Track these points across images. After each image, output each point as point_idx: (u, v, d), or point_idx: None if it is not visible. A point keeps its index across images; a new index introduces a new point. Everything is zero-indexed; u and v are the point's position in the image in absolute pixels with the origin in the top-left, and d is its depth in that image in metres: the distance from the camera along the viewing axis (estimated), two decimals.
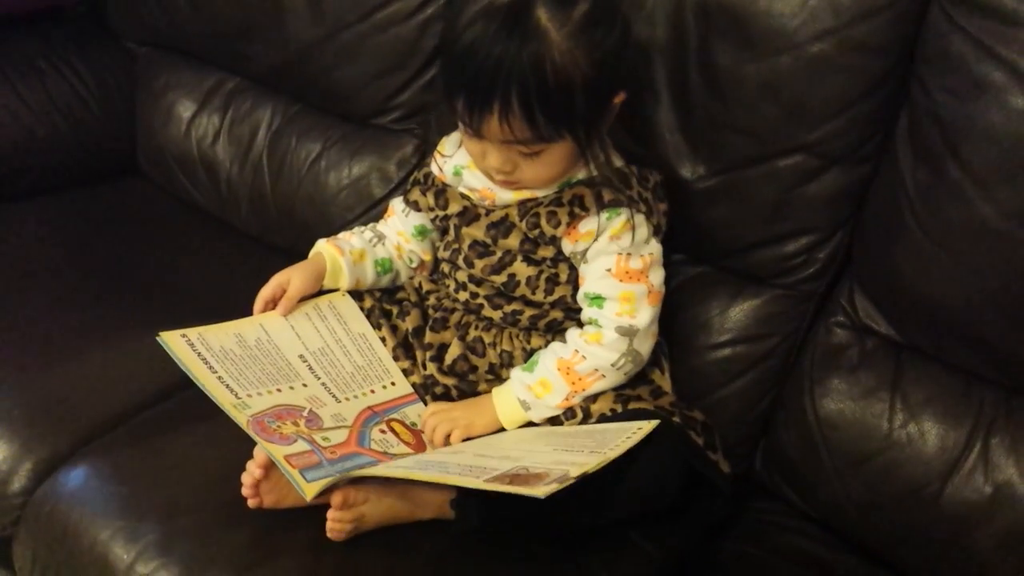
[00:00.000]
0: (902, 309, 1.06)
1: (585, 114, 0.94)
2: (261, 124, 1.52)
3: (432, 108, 1.38)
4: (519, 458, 0.89)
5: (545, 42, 0.89)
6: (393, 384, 1.09)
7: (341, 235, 1.19)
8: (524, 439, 0.98)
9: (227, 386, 0.98)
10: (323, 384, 1.05)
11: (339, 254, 1.13)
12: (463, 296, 1.11)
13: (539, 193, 1.03)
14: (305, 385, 1.03)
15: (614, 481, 0.91)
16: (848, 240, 1.10)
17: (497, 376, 1.08)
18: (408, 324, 1.13)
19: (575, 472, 0.81)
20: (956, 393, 1.03)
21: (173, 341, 1.00)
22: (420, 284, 1.18)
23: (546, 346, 1.07)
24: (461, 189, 1.09)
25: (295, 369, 1.04)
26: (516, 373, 1.04)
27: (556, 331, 1.09)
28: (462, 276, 1.10)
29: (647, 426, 0.91)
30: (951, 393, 1.03)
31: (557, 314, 1.08)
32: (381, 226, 1.20)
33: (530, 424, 1.03)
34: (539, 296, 1.06)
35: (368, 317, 1.14)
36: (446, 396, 1.09)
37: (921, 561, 1.03)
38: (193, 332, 1.02)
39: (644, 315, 1.01)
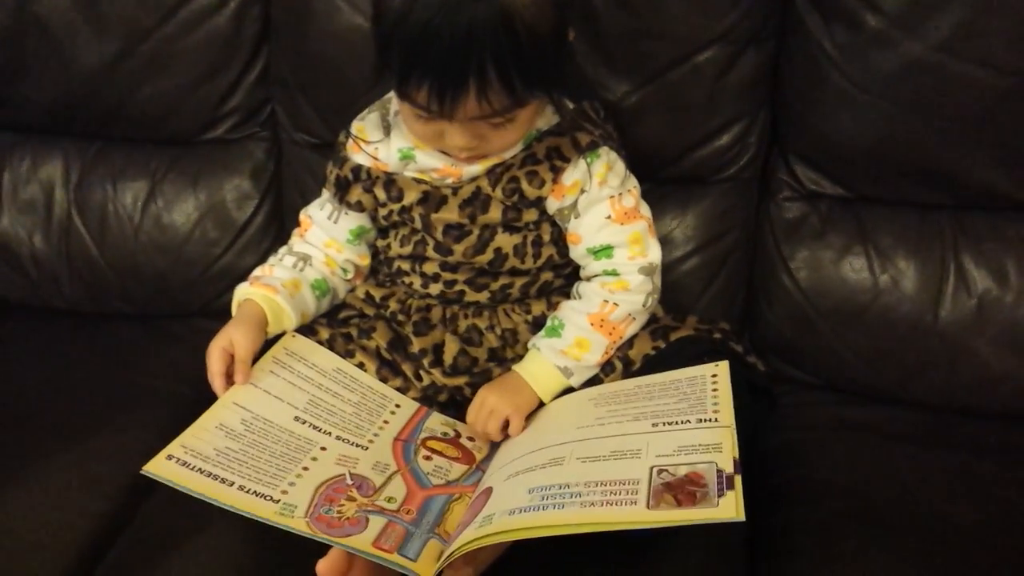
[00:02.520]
0: (844, 165, 1.10)
1: (555, 63, 0.86)
2: (55, 179, 1.27)
3: (274, 99, 1.21)
4: (625, 450, 0.81)
5: None
6: (398, 406, 0.97)
7: (259, 271, 1.02)
8: (585, 416, 0.90)
9: (255, 493, 0.81)
10: (339, 438, 0.90)
11: (272, 293, 0.97)
12: (435, 289, 1.00)
13: (506, 155, 0.94)
14: (324, 448, 0.88)
15: None
16: (772, 118, 1.11)
17: (501, 359, 0.99)
18: (378, 340, 1.00)
19: (725, 463, 0.75)
20: (916, 227, 1.09)
21: (161, 468, 0.81)
22: (369, 293, 1.05)
23: (549, 309, 1.00)
24: (411, 173, 0.96)
25: (302, 436, 0.89)
26: (543, 342, 0.96)
27: (549, 292, 1.02)
28: (431, 268, 0.99)
29: (722, 369, 0.88)
30: (912, 228, 1.09)
31: (547, 276, 1.00)
32: (299, 245, 1.04)
33: (568, 390, 0.96)
34: (528, 263, 0.98)
35: (331, 349, 0.99)
36: (453, 400, 0.98)
37: (932, 389, 1.09)
38: (173, 447, 0.83)
39: (655, 249, 0.98)
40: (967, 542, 0.90)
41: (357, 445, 0.90)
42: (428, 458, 0.91)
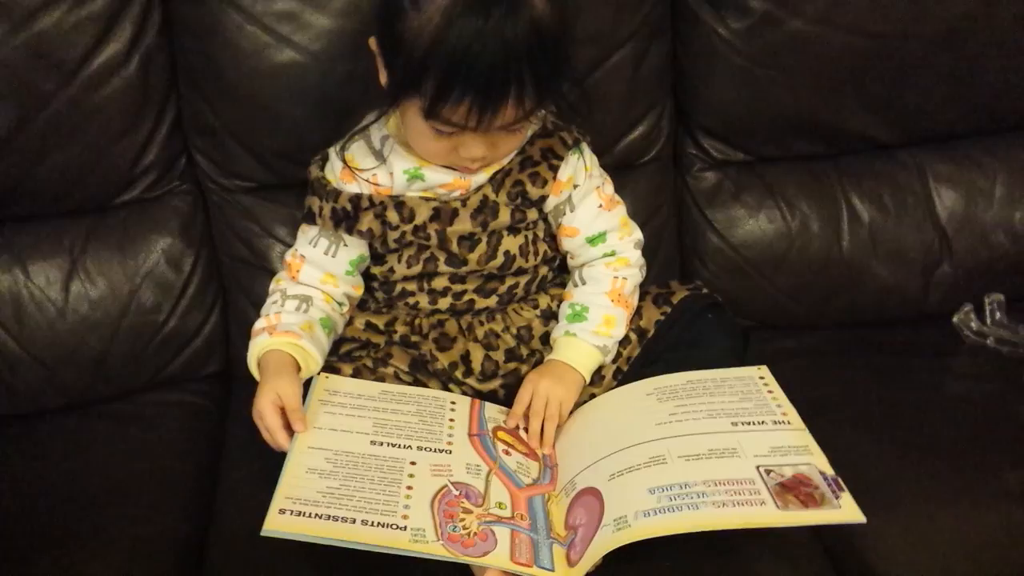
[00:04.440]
0: (745, 133, 1.26)
1: (569, 63, 0.92)
2: None
3: (193, 148, 1.16)
4: (722, 448, 0.87)
5: (533, 8, 0.85)
6: (454, 403, 0.99)
7: (265, 323, 1.00)
8: (656, 412, 0.94)
9: (380, 525, 0.81)
10: (420, 449, 0.91)
11: (295, 338, 0.97)
12: (444, 303, 1.03)
13: (504, 161, 0.99)
14: (414, 463, 0.89)
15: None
16: (675, 101, 1.25)
17: (519, 357, 1.04)
18: (397, 365, 1.02)
19: (823, 465, 0.84)
20: (810, 176, 1.27)
21: (280, 524, 0.79)
22: (370, 323, 1.06)
23: (552, 300, 1.06)
24: (416, 192, 0.98)
25: (388, 456, 0.89)
26: (574, 327, 1.02)
27: (547, 285, 1.09)
28: (440, 283, 1.02)
29: (766, 372, 0.98)
30: (807, 178, 1.27)
31: (543, 270, 1.07)
32: (293, 288, 1.02)
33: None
34: (531, 261, 1.04)
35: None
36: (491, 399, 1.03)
37: (843, 309, 1.28)
38: (280, 500, 0.81)
39: (635, 226, 1.08)
40: (912, 417, 1.10)
41: (440, 451, 0.91)
42: (507, 453, 0.94)
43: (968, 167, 1.27)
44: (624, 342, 1.04)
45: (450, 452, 0.91)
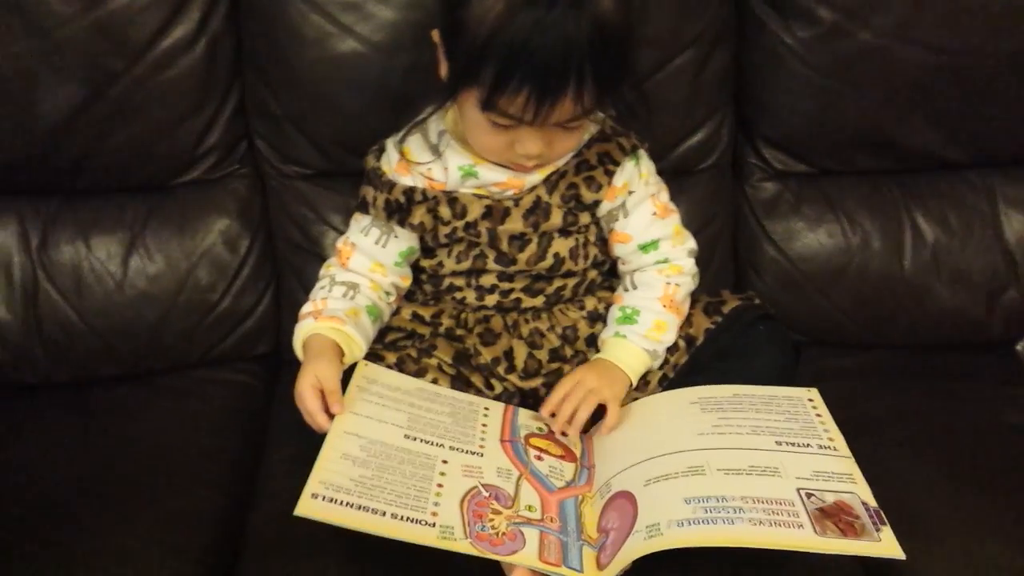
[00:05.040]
0: (807, 144, 1.23)
1: (632, 62, 0.92)
2: (10, 246, 1.16)
3: (254, 133, 1.18)
4: (763, 466, 0.86)
5: (599, 4, 0.84)
6: (488, 408, 0.99)
7: (311, 307, 1.01)
8: (699, 423, 0.93)
9: (410, 520, 0.81)
10: (453, 449, 0.91)
11: (340, 324, 0.98)
12: (491, 300, 1.03)
13: (559, 163, 0.99)
14: (446, 462, 0.89)
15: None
16: (737, 109, 1.23)
17: (563, 357, 1.04)
18: (441, 356, 1.02)
19: (866, 496, 0.82)
20: (873, 192, 1.25)
21: (311, 509, 0.80)
22: (416, 314, 1.06)
23: (599, 303, 1.05)
24: (470, 190, 0.99)
25: (420, 452, 0.89)
26: (624, 329, 1.01)
27: (595, 289, 1.08)
28: (488, 280, 1.02)
29: (815, 395, 0.96)
30: (870, 193, 1.25)
31: (592, 274, 1.06)
32: (342, 275, 1.03)
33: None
34: (580, 265, 1.03)
35: (401, 371, 1.00)
36: (525, 404, 1.02)
37: (901, 330, 1.25)
38: (313, 484, 0.82)
39: (690, 234, 1.07)
40: (965, 446, 1.06)
41: (472, 453, 0.91)
42: (539, 458, 0.93)
43: None
44: (672, 349, 1.03)
45: (482, 455, 0.91)
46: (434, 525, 0.81)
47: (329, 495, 0.81)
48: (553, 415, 0.97)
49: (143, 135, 1.13)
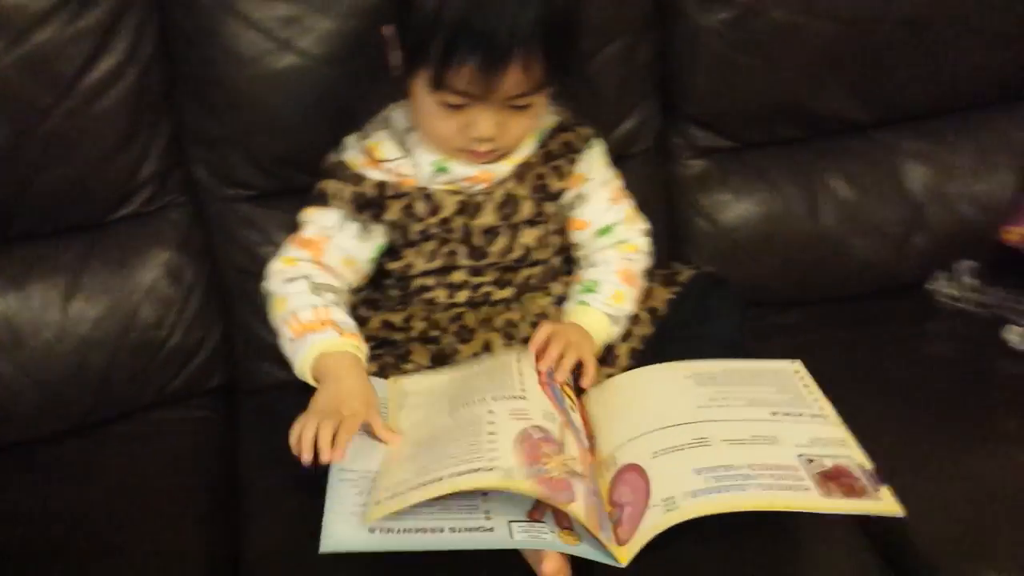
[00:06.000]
0: (729, 120, 1.30)
1: (578, 45, 0.94)
2: None
3: (190, 159, 1.14)
4: (763, 435, 0.88)
5: None
6: (519, 355, 0.97)
7: (316, 315, 0.95)
8: (697, 395, 0.95)
9: (469, 471, 0.79)
10: (496, 399, 0.89)
11: (359, 341, 0.96)
12: (462, 296, 1.04)
13: (526, 153, 1.01)
14: (492, 412, 0.87)
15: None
16: (664, 92, 1.28)
17: None
18: (418, 361, 1.02)
19: (860, 458, 0.86)
20: (790, 159, 1.32)
21: (377, 512, 0.78)
22: (385, 321, 1.05)
23: (565, 287, 1.08)
24: (441, 185, 0.99)
25: (466, 418, 0.87)
26: (587, 296, 1.04)
27: (558, 275, 1.10)
28: (459, 276, 1.03)
29: (800, 367, 1.00)
30: (788, 161, 1.32)
31: (555, 261, 1.09)
32: (317, 275, 0.99)
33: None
34: (547, 253, 1.06)
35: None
36: None
37: (824, 284, 1.34)
38: (375, 509, 0.80)
39: (643, 216, 1.12)
40: (899, 380, 1.17)
41: (516, 397, 0.90)
42: (574, 409, 0.94)
43: (936, 144, 1.34)
44: (637, 322, 1.07)
45: (525, 399, 0.90)
46: (493, 469, 0.80)
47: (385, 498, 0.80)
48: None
49: (76, 172, 1.07)
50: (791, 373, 1.00)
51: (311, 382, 0.93)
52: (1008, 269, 1.30)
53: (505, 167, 1.00)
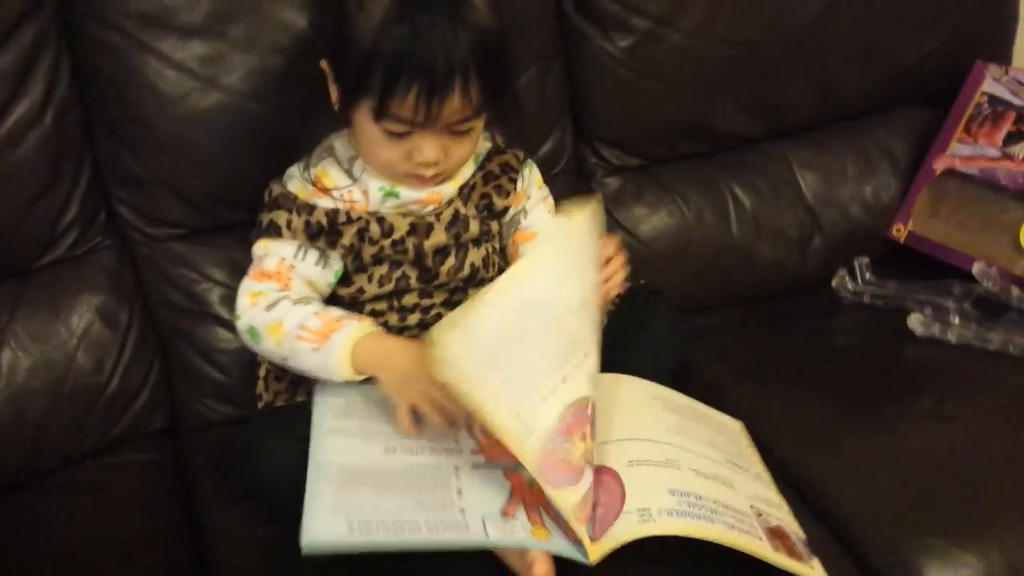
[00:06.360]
0: (637, 139, 1.37)
1: (510, 70, 0.99)
2: None
3: (115, 200, 1.14)
4: (723, 477, 0.93)
5: (476, 9, 0.92)
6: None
7: (320, 319, 0.97)
8: (666, 421, 0.99)
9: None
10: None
11: (367, 319, 1.00)
12: (414, 319, 1.07)
13: (466, 174, 1.06)
14: (587, 355, 0.88)
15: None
16: (575, 115, 1.35)
17: None
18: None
19: (793, 527, 0.91)
20: (697, 173, 1.41)
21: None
22: None
23: None
24: (391, 210, 1.02)
25: (568, 331, 0.88)
26: None
27: None
28: (410, 299, 1.06)
29: (741, 427, 1.08)
30: (696, 174, 1.41)
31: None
32: (293, 293, 1.00)
33: None
34: (492, 273, 1.10)
35: None
36: None
37: (738, 289, 1.42)
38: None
39: None
40: (817, 371, 1.25)
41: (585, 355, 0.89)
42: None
43: (823, 152, 1.45)
44: None
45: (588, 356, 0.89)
46: (520, 415, 0.81)
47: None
48: None
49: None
50: (736, 431, 1.06)
51: (353, 378, 0.95)
52: (900, 263, 1.41)
53: (450, 188, 1.04)
